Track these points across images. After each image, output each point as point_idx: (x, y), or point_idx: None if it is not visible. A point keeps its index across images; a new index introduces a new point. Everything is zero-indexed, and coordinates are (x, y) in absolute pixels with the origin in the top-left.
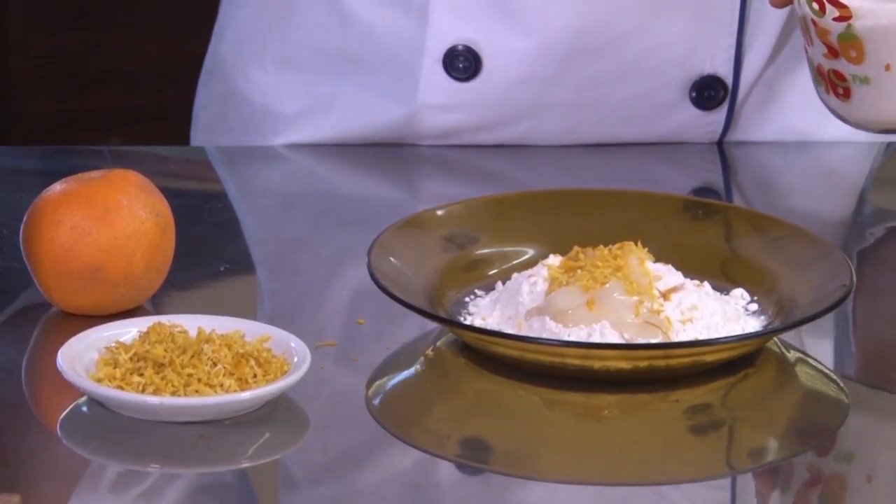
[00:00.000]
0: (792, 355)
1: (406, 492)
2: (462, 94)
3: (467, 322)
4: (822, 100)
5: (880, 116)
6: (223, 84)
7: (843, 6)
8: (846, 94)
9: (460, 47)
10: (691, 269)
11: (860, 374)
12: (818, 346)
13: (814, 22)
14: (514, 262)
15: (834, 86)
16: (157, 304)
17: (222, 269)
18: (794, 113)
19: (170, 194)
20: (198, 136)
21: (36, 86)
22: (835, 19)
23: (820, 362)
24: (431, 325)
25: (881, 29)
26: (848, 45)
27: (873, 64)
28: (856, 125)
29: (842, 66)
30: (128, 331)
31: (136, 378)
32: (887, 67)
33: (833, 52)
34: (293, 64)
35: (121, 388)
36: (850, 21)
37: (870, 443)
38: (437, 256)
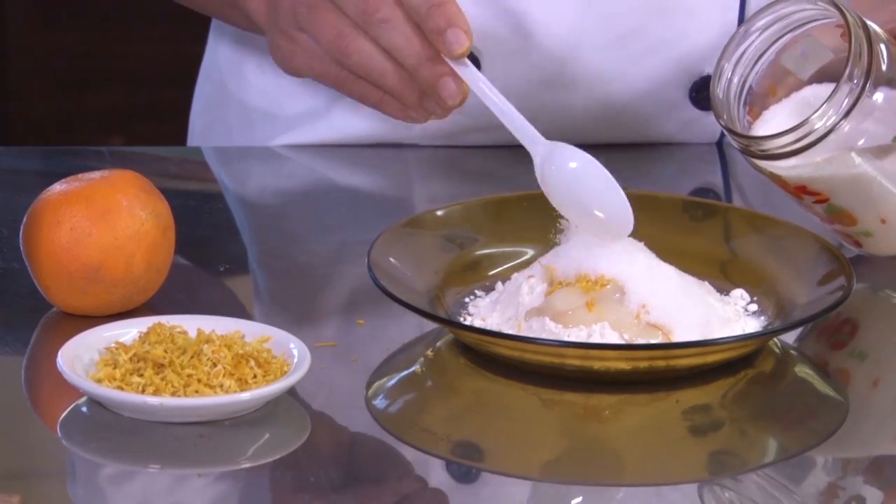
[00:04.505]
0: (792, 355)
1: (406, 492)
2: None
3: (467, 322)
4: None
5: None
6: (220, 89)
7: (816, 193)
8: (858, 244)
9: None
10: (691, 270)
11: (860, 374)
12: (818, 346)
13: (798, 200)
14: (514, 262)
15: (846, 238)
16: (157, 305)
17: (222, 269)
18: None
19: (170, 195)
20: (195, 141)
21: (36, 86)
22: (815, 202)
23: (820, 362)
24: (431, 326)
25: (859, 195)
26: (837, 216)
27: (868, 222)
28: (881, 257)
29: (841, 228)
30: (128, 331)
31: (135, 379)
32: (883, 221)
33: (829, 221)
34: None
35: (121, 388)
36: (829, 201)
37: (869, 442)
38: (437, 256)
